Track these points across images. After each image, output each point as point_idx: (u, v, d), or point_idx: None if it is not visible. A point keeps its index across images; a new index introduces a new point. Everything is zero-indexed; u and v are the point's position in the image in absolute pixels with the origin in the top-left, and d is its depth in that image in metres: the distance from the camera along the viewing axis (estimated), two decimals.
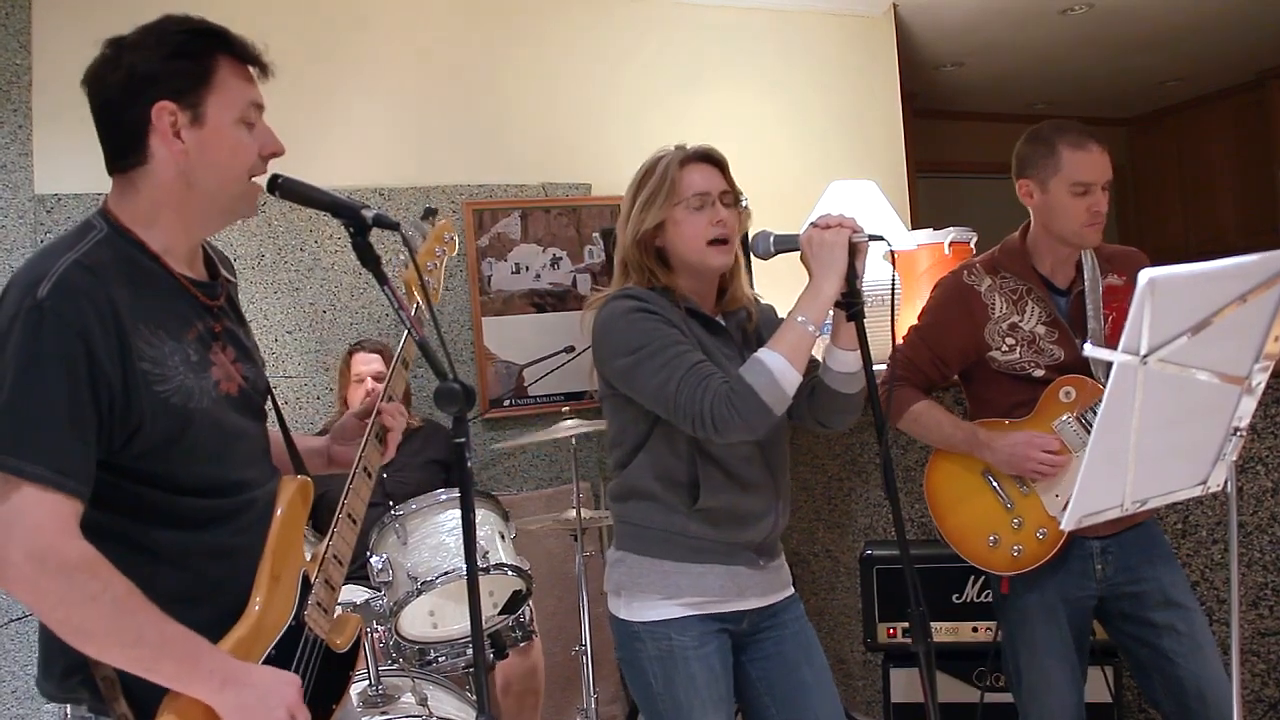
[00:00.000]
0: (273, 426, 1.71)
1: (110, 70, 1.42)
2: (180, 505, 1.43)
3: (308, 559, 1.62)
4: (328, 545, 1.62)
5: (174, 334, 1.44)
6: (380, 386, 1.84)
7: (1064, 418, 2.28)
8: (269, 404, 1.66)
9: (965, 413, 2.52)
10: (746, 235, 2.07)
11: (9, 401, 1.29)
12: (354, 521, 1.67)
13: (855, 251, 1.85)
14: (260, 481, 1.56)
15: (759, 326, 2.10)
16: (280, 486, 1.59)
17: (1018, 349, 2.33)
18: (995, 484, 2.36)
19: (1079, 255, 2.36)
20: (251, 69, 1.49)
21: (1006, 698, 2.53)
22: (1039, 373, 2.31)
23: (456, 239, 2.12)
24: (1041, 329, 2.32)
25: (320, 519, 2.16)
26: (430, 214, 2.04)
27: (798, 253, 1.90)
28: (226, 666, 1.39)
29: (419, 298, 1.86)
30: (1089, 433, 2.10)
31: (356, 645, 1.68)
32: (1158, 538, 2.37)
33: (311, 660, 1.55)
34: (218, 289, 1.57)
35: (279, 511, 1.56)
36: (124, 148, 1.44)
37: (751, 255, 2.03)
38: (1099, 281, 2.34)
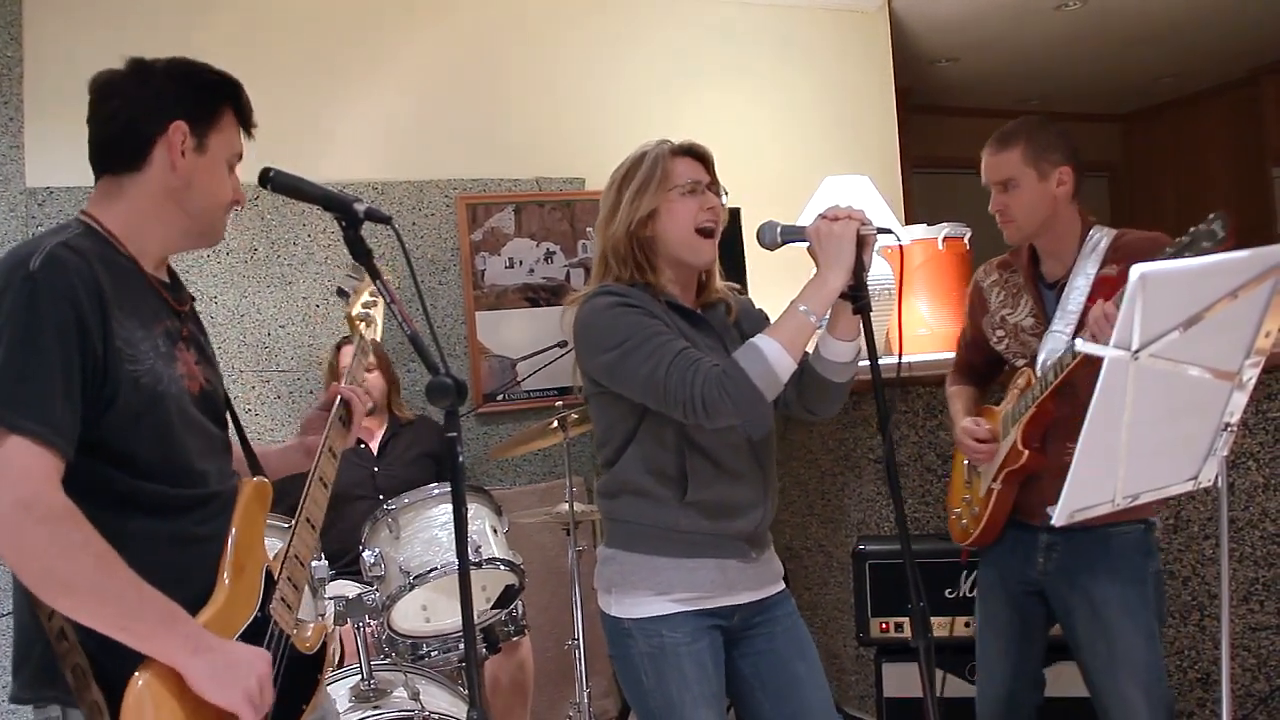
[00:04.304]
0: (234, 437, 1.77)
1: (137, 85, 1.55)
2: (147, 491, 1.48)
3: (269, 558, 1.66)
4: (289, 545, 1.68)
5: (145, 323, 1.52)
6: (343, 381, 1.91)
7: (1010, 407, 2.37)
8: (228, 415, 1.73)
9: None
10: (739, 229, 2.07)
11: (6, 360, 1.36)
12: (312, 527, 1.74)
13: (862, 244, 1.86)
14: (222, 478, 1.63)
15: (739, 319, 2.11)
16: (240, 486, 1.66)
17: (1005, 340, 2.42)
18: (966, 463, 2.50)
19: (1074, 248, 2.36)
20: (240, 126, 1.64)
21: None
22: (1020, 363, 2.38)
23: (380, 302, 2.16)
24: (1029, 322, 2.37)
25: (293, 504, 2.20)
26: (342, 294, 2.12)
27: (803, 244, 1.91)
28: (200, 634, 1.43)
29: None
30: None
31: (324, 649, 1.70)
32: (1110, 548, 2.24)
33: (278, 655, 1.57)
34: (184, 295, 1.66)
35: (240, 507, 1.62)
36: (127, 152, 1.54)
37: (758, 244, 2.03)
38: (1088, 274, 2.33)
